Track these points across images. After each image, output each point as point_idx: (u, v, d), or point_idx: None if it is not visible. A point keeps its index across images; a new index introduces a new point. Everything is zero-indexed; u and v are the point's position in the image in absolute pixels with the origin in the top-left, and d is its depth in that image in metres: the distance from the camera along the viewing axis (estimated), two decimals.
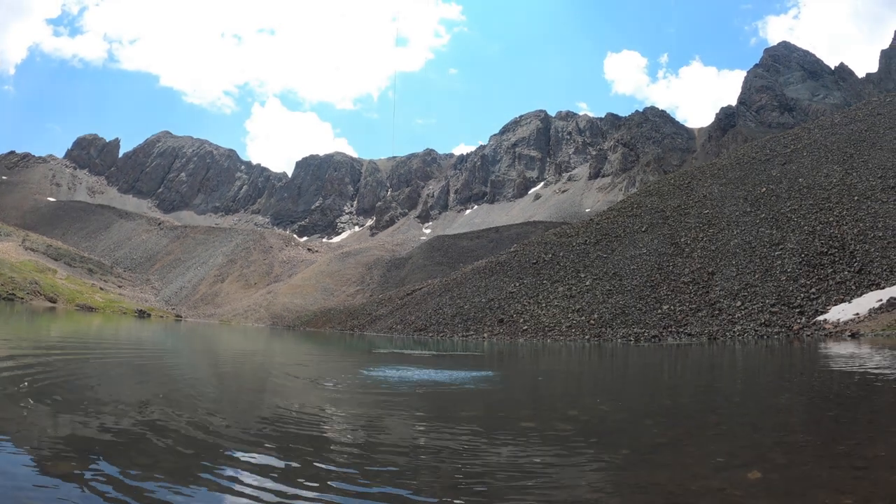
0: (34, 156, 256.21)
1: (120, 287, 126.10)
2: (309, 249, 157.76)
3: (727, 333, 40.81)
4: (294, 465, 6.76)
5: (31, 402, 9.78)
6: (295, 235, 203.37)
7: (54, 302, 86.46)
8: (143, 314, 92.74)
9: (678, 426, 9.75)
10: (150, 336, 43.07)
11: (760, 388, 16.03)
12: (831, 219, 50.66)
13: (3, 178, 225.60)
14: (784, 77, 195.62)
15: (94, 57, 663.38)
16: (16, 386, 11.16)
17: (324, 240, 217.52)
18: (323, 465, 6.82)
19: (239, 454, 7.05)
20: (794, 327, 38.54)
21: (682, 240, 57.98)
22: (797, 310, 40.70)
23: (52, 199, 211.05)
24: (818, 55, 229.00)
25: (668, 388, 17.02)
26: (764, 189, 61.36)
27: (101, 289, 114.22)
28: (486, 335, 54.71)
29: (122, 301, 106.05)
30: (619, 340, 44.88)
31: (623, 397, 14.48)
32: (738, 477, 6.21)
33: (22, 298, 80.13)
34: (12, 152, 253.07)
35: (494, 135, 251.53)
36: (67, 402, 10.13)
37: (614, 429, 9.64)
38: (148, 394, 12.18)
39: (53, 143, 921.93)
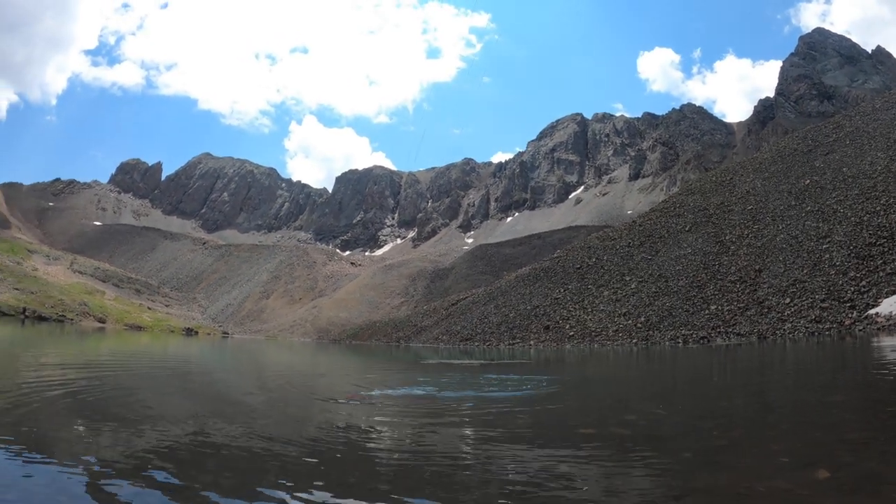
0: (79, 182, 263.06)
1: (167, 306, 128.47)
2: (352, 263, 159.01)
3: (777, 332, 40.14)
4: (344, 478, 6.87)
5: (84, 418, 10.24)
6: (337, 250, 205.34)
7: (103, 322, 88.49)
8: (190, 332, 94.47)
9: (737, 427, 9.71)
10: (197, 352, 43.93)
11: (815, 387, 15.80)
12: (878, 208, 49.55)
13: (50, 204, 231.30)
14: (821, 64, 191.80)
15: (132, 84, 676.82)
16: (69, 402, 11.64)
17: (366, 253, 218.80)
18: (372, 478, 6.93)
19: (293, 468, 7.23)
20: (846, 322, 37.84)
21: (727, 237, 57.24)
22: (848, 304, 39.89)
23: (98, 223, 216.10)
24: (854, 39, 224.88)
25: (722, 390, 16.87)
26: (808, 181, 60.38)
27: (149, 308, 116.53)
28: (532, 342, 54.61)
29: (170, 319, 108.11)
30: (667, 343, 44.49)
31: (677, 401, 14.41)
32: (805, 477, 6.18)
33: (72, 319, 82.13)
34: (58, 179, 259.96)
35: (532, 141, 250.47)
36: (120, 417, 10.47)
37: (673, 432, 9.64)
38: (198, 408, 12.56)
39: (97, 169, 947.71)
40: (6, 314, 71.47)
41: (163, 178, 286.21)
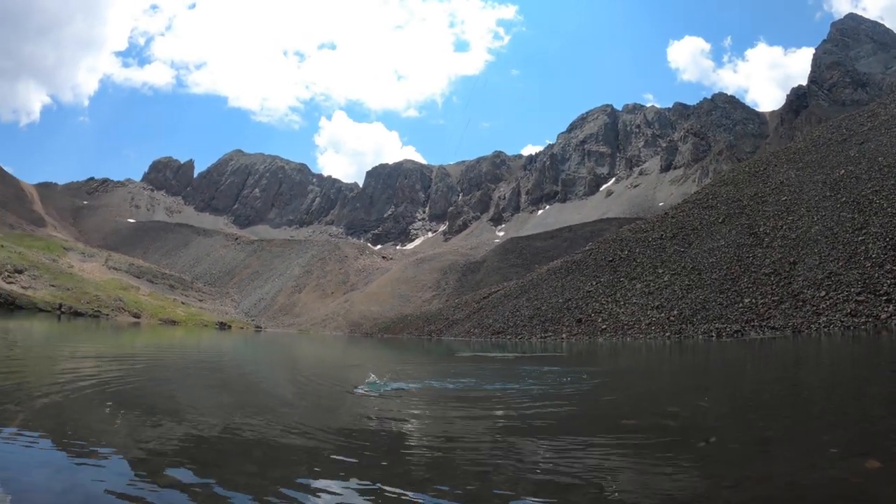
0: (113, 180, 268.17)
1: (201, 301, 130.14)
2: (383, 257, 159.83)
3: (812, 326, 39.83)
4: (377, 472, 6.94)
5: (122, 410, 10.57)
6: (369, 244, 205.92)
7: (138, 317, 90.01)
8: (223, 326, 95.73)
9: (783, 419, 9.82)
10: (230, 346, 44.63)
11: (857, 380, 15.88)
12: None
13: (85, 202, 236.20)
14: (854, 51, 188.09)
15: (163, 84, 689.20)
16: (107, 395, 11.98)
17: (398, 247, 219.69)
18: (404, 471, 7.01)
19: (327, 458, 7.38)
20: (882, 316, 37.46)
21: (761, 229, 56.71)
22: (884, 297, 39.43)
23: (132, 221, 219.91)
24: (887, 25, 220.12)
25: (763, 383, 16.96)
26: (843, 171, 59.64)
27: (183, 303, 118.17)
28: (564, 336, 54.61)
29: (203, 314, 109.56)
30: (701, 337, 44.33)
31: (719, 393, 14.45)
32: (856, 466, 6.25)
33: (107, 315, 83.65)
34: (92, 178, 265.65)
35: (562, 133, 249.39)
36: (158, 409, 10.82)
37: (720, 424, 9.73)
38: (231, 400, 12.89)
39: (130, 167, 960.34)
40: (43, 310, 72.87)
41: (195, 175, 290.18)
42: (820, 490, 5.70)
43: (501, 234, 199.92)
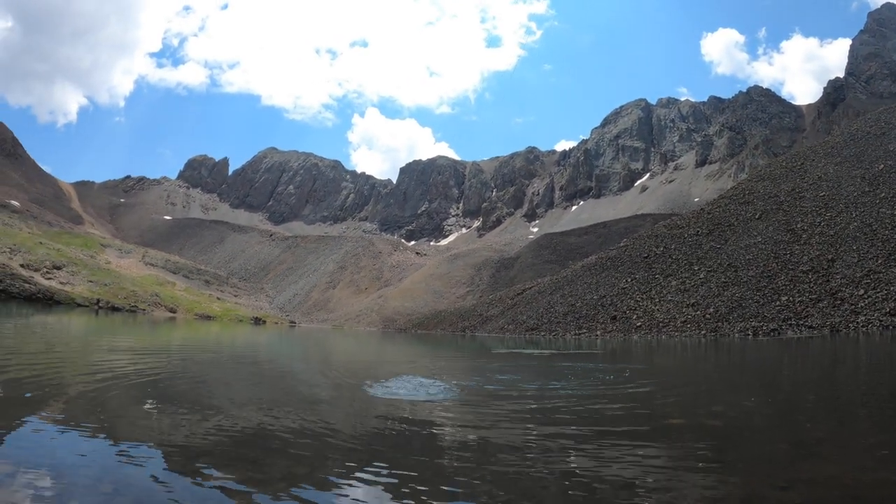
0: (149, 178, 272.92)
1: (236, 296, 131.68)
2: (417, 253, 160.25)
3: (850, 324, 39.44)
4: (411, 472, 6.79)
5: (162, 404, 10.77)
6: (403, 240, 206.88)
7: (174, 312, 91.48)
8: (258, 321, 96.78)
9: (830, 420, 9.82)
10: (265, 340, 45.14)
11: None
12: None
13: (122, 200, 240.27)
14: (892, 42, 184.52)
15: (197, 83, 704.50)
16: (146, 390, 12.26)
17: (431, 243, 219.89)
18: (437, 471, 6.94)
19: (357, 458, 7.30)
20: None
21: (799, 226, 56.12)
22: None
23: (168, 218, 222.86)
24: None
25: (804, 383, 16.88)
26: (882, 166, 58.84)
27: (218, 298, 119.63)
28: (598, 333, 54.43)
29: (238, 309, 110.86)
30: (737, 335, 43.98)
31: (763, 393, 14.26)
32: None
33: (144, 309, 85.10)
34: (128, 177, 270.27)
35: (596, 128, 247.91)
36: (195, 403, 11.04)
37: (766, 424, 9.71)
38: (269, 397, 12.89)
39: (165, 166, 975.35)
40: (81, 305, 74.20)
41: (230, 172, 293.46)
42: (874, 492, 5.72)
43: (535, 230, 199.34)
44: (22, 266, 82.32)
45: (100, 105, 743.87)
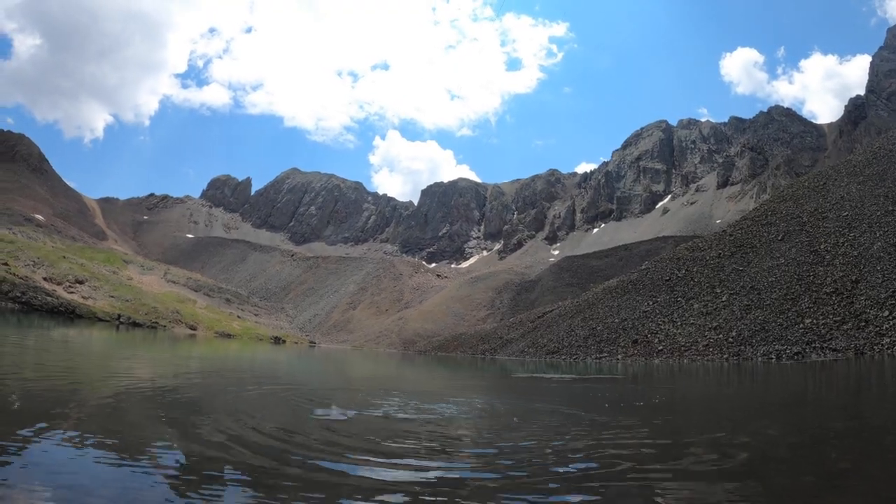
0: (172, 197, 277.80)
1: (256, 315, 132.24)
2: (438, 275, 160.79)
3: (875, 347, 38.90)
4: (431, 480, 6.90)
5: (175, 418, 10.80)
6: (424, 262, 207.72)
7: (195, 329, 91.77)
8: (278, 340, 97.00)
9: (855, 449, 9.63)
10: (284, 359, 45.42)
11: None
12: None
13: (145, 217, 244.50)
14: None
15: (220, 104, 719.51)
16: (163, 404, 12.36)
17: (452, 265, 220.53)
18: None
19: (376, 473, 7.33)
20: None
21: (822, 246, 55.49)
22: None
23: (190, 236, 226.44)
24: None
25: (829, 410, 16.59)
26: None
27: (239, 317, 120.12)
28: (619, 357, 54.01)
29: (259, 328, 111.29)
30: (760, 359, 43.41)
31: (786, 420, 14.06)
32: None
33: (164, 326, 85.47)
34: (152, 194, 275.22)
35: (616, 150, 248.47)
36: (212, 418, 11.01)
37: (791, 454, 9.51)
38: (283, 414, 12.87)
39: (189, 185, 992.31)
40: (102, 320, 74.59)
41: (252, 192, 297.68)
42: None
43: (556, 252, 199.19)
44: (45, 279, 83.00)
45: (125, 123, 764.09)
